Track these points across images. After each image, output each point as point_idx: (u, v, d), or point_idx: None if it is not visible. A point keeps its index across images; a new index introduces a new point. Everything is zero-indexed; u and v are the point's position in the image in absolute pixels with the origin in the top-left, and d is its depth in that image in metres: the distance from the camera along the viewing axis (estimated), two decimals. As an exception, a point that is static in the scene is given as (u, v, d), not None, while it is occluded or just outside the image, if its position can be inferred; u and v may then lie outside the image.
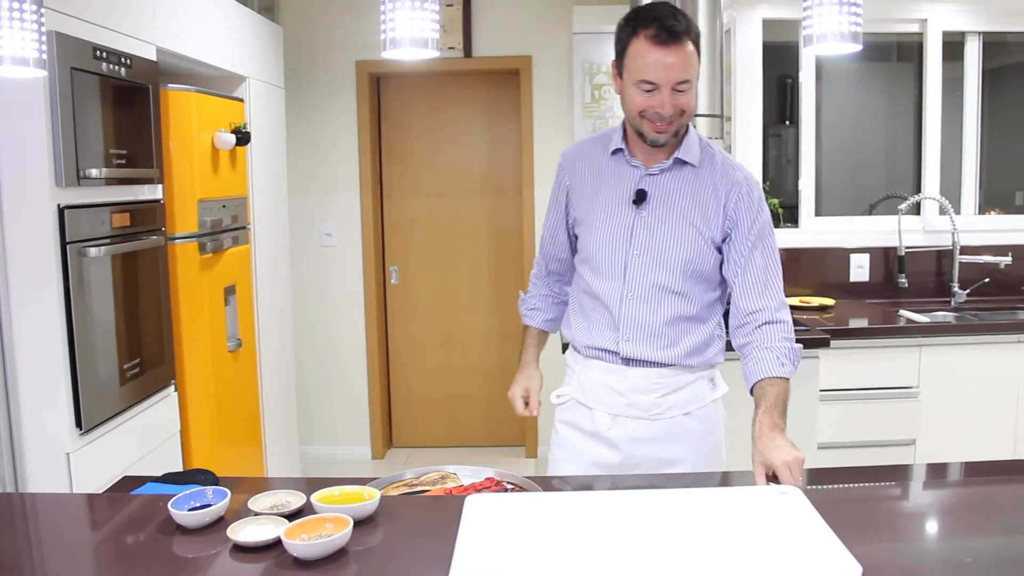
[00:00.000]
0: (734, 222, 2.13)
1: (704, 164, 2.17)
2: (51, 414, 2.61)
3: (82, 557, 1.62)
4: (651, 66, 2.00)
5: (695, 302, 2.17)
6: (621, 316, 2.17)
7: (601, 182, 2.22)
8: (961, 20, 4.41)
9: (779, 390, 2.02)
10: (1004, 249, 4.35)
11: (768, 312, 2.09)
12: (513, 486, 1.92)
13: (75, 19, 2.63)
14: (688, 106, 2.05)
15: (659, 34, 1.98)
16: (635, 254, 2.15)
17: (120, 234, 2.89)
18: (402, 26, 1.66)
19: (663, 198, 2.15)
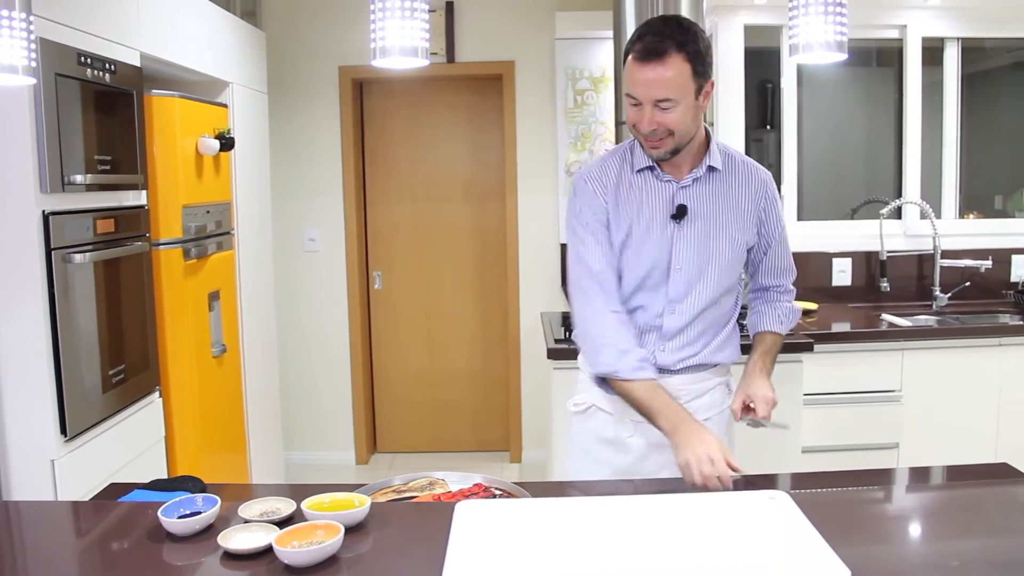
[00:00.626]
0: (763, 219, 2.23)
1: (727, 167, 2.20)
2: (35, 420, 2.60)
3: (71, 566, 1.61)
4: (634, 82, 2.01)
5: (724, 306, 2.24)
6: (661, 329, 2.18)
7: (635, 200, 2.17)
8: (940, 26, 4.45)
9: (775, 340, 2.33)
10: (984, 253, 4.40)
11: (784, 285, 2.37)
12: (501, 492, 1.93)
13: (60, 25, 2.63)
14: (673, 124, 2.02)
15: (642, 52, 1.99)
16: (676, 269, 2.16)
17: (104, 240, 2.88)
18: (392, 35, 1.67)
19: (700, 210, 2.16)
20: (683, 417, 2.00)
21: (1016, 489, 1.94)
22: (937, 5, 4.38)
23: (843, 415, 3.78)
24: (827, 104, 5.23)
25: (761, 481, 2.01)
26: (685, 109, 2.02)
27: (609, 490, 2.00)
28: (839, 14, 1.76)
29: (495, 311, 5.32)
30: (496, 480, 1.99)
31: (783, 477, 2.18)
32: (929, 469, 2.28)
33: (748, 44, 4.44)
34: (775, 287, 2.36)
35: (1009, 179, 4.97)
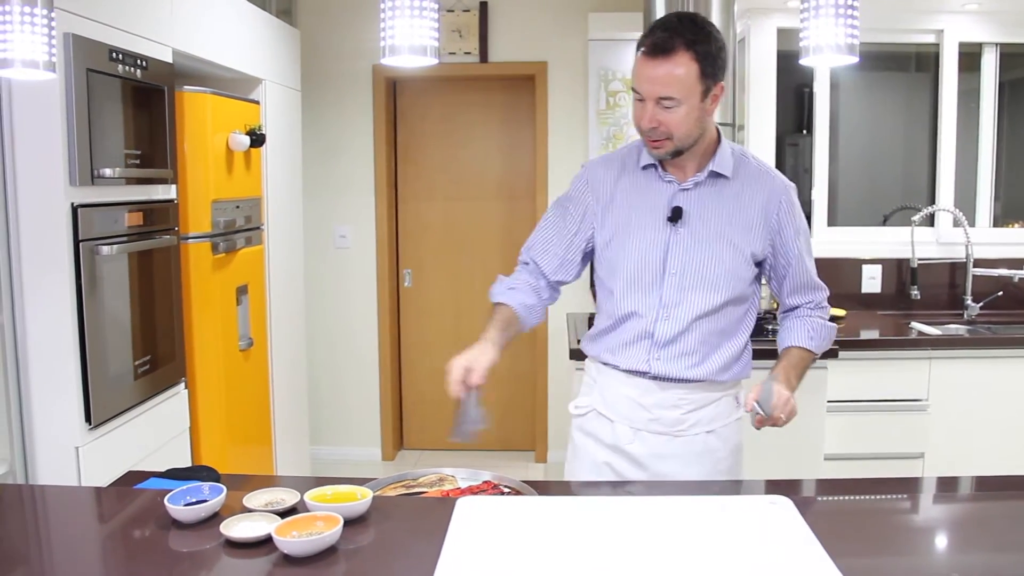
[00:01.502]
0: (778, 229, 2.14)
1: (739, 174, 2.13)
2: (61, 408, 2.66)
3: (80, 548, 1.65)
4: (639, 77, 1.99)
5: (727, 318, 2.15)
6: (654, 336, 2.12)
7: (633, 198, 2.15)
8: (978, 31, 4.39)
9: (802, 355, 2.19)
10: (1019, 262, 4.32)
11: (814, 303, 2.25)
12: (510, 490, 1.94)
13: (92, 21, 2.68)
14: (674, 126, 1.98)
15: (650, 46, 1.95)
16: (671, 273, 2.10)
17: (133, 233, 2.94)
18: (401, 34, 1.68)
19: (700, 214, 2.10)
20: (483, 339, 2.09)
21: (1029, 502, 1.91)
22: (974, 10, 4.32)
23: (868, 423, 3.75)
24: (864, 109, 5.18)
25: (772, 486, 2.00)
26: (688, 110, 1.97)
27: (614, 491, 2.00)
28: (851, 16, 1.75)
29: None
30: (505, 478, 2.00)
31: (793, 483, 2.16)
32: (946, 480, 2.26)
33: (784, 48, 4.41)
34: (805, 304, 2.25)
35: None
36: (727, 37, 3.43)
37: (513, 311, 2.18)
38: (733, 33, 3.53)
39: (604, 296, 2.24)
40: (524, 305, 2.21)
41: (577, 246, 2.23)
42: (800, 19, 1.87)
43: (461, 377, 2.03)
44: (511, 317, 2.18)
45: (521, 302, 2.20)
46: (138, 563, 1.56)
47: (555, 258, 2.24)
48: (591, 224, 2.20)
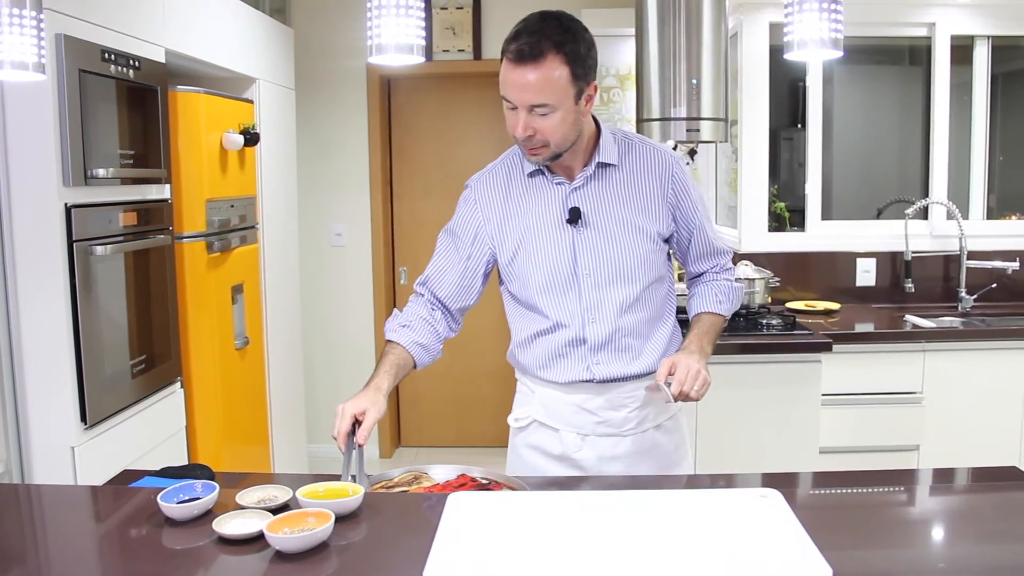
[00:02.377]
0: (676, 203, 2.10)
1: (626, 158, 2.08)
2: (56, 408, 2.67)
3: (74, 547, 1.66)
4: (507, 84, 1.90)
5: (651, 304, 2.11)
6: (587, 341, 2.06)
7: (527, 208, 2.07)
8: (970, 24, 4.40)
9: (714, 320, 2.16)
10: (1012, 255, 4.33)
11: (719, 264, 2.23)
12: (488, 481, 1.94)
13: (83, 22, 2.69)
14: (549, 132, 1.91)
15: (515, 52, 1.86)
16: (584, 275, 2.04)
17: (127, 233, 2.94)
18: (387, 32, 1.69)
19: (597, 209, 2.04)
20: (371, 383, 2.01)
21: (1019, 494, 1.92)
22: (966, 3, 4.33)
23: (862, 416, 3.76)
24: (858, 103, 5.19)
25: (765, 479, 2.01)
26: (564, 115, 1.90)
27: (603, 486, 2.00)
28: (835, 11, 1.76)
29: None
30: (482, 470, 2.00)
31: (787, 476, 2.16)
32: (935, 472, 2.27)
33: (777, 42, 4.41)
34: (711, 269, 2.22)
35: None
36: (719, 32, 3.45)
37: (406, 351, 2.09)
38: (725, 28, 3.54)
39: (518, 311, 2.17)
40: (417, 344, 2.10)
41: (473, 270, 2.15)
42: (784, 14, 1.88)
43: (348, 428, 1.94)
44: (404, 358, 2.09)
45: (414, 340, 2.10)
46: (131, 561, 1.57)
47: (451, 285, 2.16)
48: (485, 244, 2.13)
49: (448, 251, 2.18)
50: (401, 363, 2.08)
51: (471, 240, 2.14)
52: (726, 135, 3.66)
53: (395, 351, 2.09)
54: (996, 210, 4.81)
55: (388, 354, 2.09)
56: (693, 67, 3.48)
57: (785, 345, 3.51)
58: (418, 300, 2.19)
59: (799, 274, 4.45)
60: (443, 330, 2.17)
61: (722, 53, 3.53)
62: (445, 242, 2.20)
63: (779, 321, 3.70)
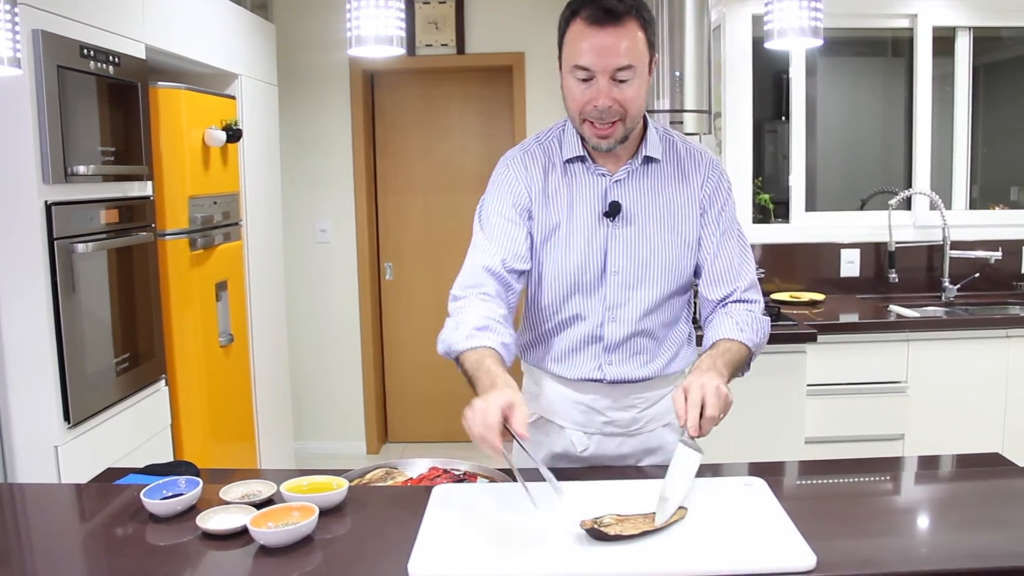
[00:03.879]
0: (705, 208, 1.97)
1: (669, 156, 1.98)
2: (39, 407, 2.65)
3: (57, 545, 1.65)
4: (586, 50, 1.76)
5: (672, 309, 2.03)
6: (603, 339, 1.98)
7: (564, 196, 1.95)
8: (951, 15, 4.42)
9: (731, 346, 1.90)
10: (994, 244, 4.36)
11: (737, 293, 2.00)
12: (461, 472, 1.94)
13: (62, 18, 2.67)
14: (631, 102, 1.80)
15: (595, 14, 1.74)
16: (612, 272, 1.95)
17: (109, 230, 2.93)
18: (367, 24, 1.69)
19: (637, 205, 1.94)
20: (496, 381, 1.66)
21: (1001, 480, 1.93)
22: (948, -6, 4.35)
23: (848, 406, 3.77)
24: (841, 95, 5.21)
25: (751, 469, 2.01)
26: (641, 83, 1.80)
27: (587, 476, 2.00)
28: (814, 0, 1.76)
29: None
30: (451, 462, 1.98)
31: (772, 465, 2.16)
32: (917, 458, 2.27)
33: (760, 34, 4.41)
34: (728, 296, 2.00)
35: (1026, 170, 4.93)
36: (702, 24, 3.46)
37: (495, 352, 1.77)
38: (708, 20, 3.54)
39: (538, 299, 2.04)
40: (504, 345, 1.81)
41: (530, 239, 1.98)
42: (765, 3, 1.88)
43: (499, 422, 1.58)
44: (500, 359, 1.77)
45: (500, 342, 1.80)
46: (116, 558, 1.56)
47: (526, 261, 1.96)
48: (526, 218, 1.97)
49: (509, 225, 1.95)
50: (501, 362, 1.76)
51: (526, 216, 1.96)
52: (710, 127, 3.67)
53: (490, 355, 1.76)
54: (979, 200, 4.84)
55: (486, 358, 1.75)
56: (676, 59, 3.48)
57: (770, 336, 3.51)
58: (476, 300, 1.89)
59: (784, 265, 4.46)
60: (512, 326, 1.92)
61: (705, 45, 3.54)
62: (498, 220, 1.96)
63: (764, 312, 3.70)
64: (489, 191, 2.03)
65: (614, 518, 1.52)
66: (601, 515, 1.53)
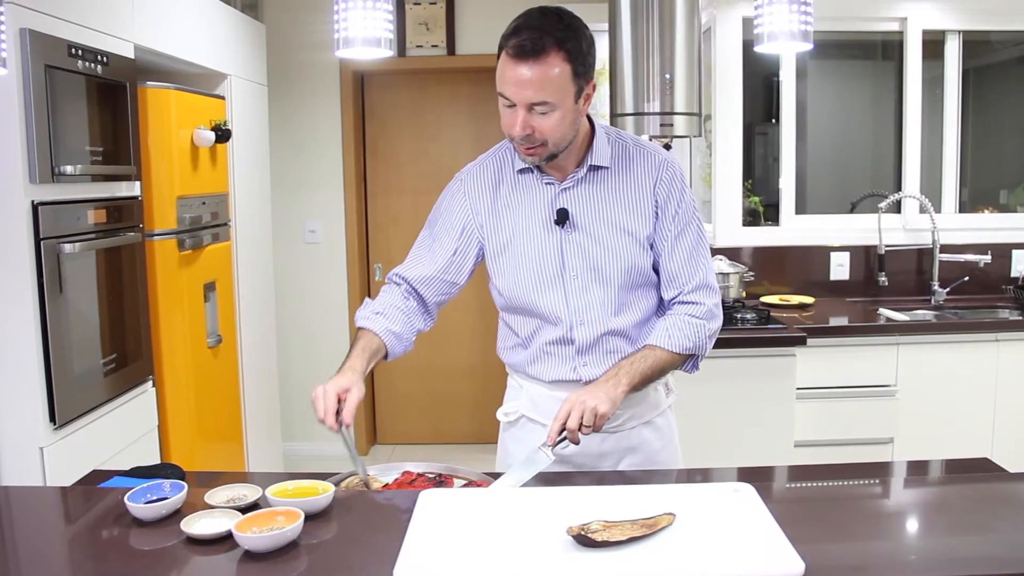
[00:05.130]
0: (660, 209, 2.01)
1: (620, 160, 2.02)
2: (24, 409, 2.63)
3: (40, 548, 1.63)
4: (506, 81, 1.83)
5: (641, 308, 2.06)
6: (575, 342, 2.02)
7: (514, 206, 2.03)
8: (941, 19, 4.43)
9: (651, 354, 1.97)
10: (984, 248, 4.37)
11: (683, 294, 2.04)
12: (436, 475, 1.95)
13: (50, 17, 2.65)
14: (548, 132, 1.85)
15: (516, 48, 1.80)
16: (571, 276, 2.00)
17: (97, 231, 2.91)
18: (355, 25, 1.68)
19: (587, 210, 1.99)
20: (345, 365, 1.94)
21: (990, 485, 1.93)
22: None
23: (837, 409, 3.78)
24: (832, 98, 5.22)
25: (740, 474, 2.01)
26: (563, 115, 1.84)
27: (575, 481, 1.99)
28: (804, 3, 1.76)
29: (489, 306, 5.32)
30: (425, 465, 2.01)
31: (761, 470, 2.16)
32: (907, 464, 2.27)
33: (751, 37, 4.41)
34: (674, 299, 2.05)
35: (1015, 174, 4.94)
36: (691, 27, 3.45)
37: (379, 338, 2.01)
38: (698, 23, 3.54)
39: (506, 308, 2.12)
40: (391, 332, 2.02)
41: (459, 265, 2.09)
42: (755, 7, 1.87)
43: (334, 407, 1.85)
44: (377, 345, 2.01)
45: (387, 328, 2.02)
46: (98, 562, 1.55)
47: (433, 279, 2.09)
48: (474, 238, 2.07)
49: (433, 243, 2.11)
50: (374, 349, 2.00)
51: (458, 233, 2.08)
52: (700, 130, 3.66)
53: (367, 337, 2.02)
54: (968, 204, 4.85)
55: (360, 339, 2.01)
56: (666, 62, 3.48)
57: (759, 339, 3.52)
58: (393, 290, 2.11)
59: (773, 268, 4.47)
60: (417, 322, 2.09)
61: (695, 48, 3.53)
62: (429, 234, 2.13)
63: (753, 315, 3.71)
64: (438, 205, 2.14)
65: (601, 524, 1.51)
66: (588, 521, 1.52)
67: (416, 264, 2.11)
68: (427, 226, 2.15)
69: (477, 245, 2.08)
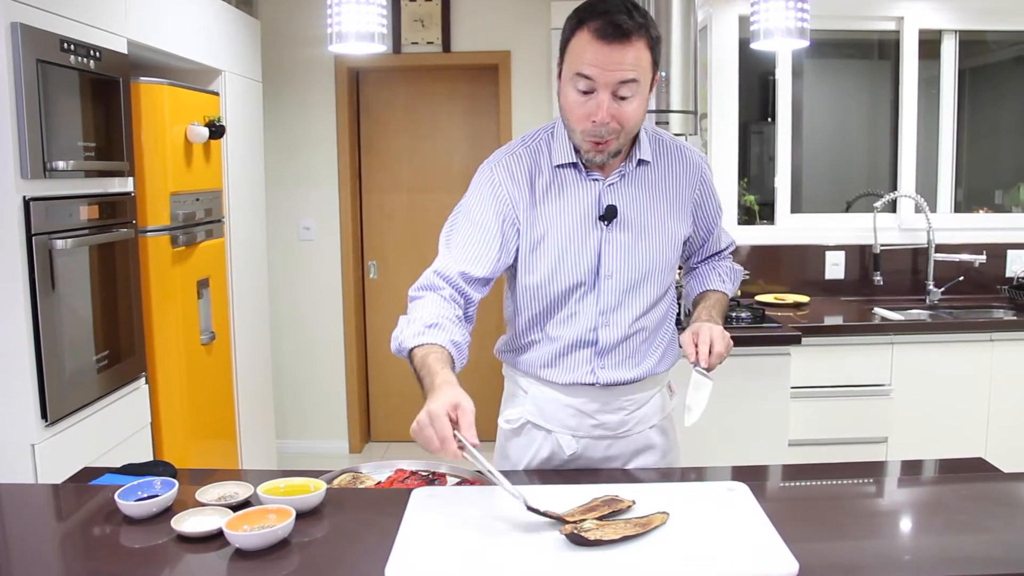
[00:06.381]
0: (700, 203, 2.05)
1: (658, 156, 1.98)
2: (15, 406, 2.62)
3: (30, 546, 1.62)
4: (590, 62, 1.73)
5: (660, 309, 2.04)
6: (597, 343, 1.97)
7: (553, 200, 1.92)
8: (937, 18, 4.42)
9: (720, 296, 2.12)
10: (979, 247, 4.37)
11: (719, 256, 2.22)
12: (428, 473, 1.95)
13: (42, 11, 2.63)
14: (629, 119, 1.79)
15: (604, 27, 1.71)
16: (606, 276, 1.94)
17: (89, 227, 2.89)
18: (348, 20, 1.66)
19: (632, 208, 1.93)
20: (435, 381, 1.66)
21: (984, 485, 1.93)
22: (934, -3, 4.35)
23: (831, 409, 3.77)
24: (828, 97, 5.21)
25: (734, 472, 2.00)
26: (642, 101, 1.80)
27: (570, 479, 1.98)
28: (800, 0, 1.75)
29: (489, 301, 5.30)
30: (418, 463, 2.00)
31: (756, 469, 2.15)
32: (901, 463, 2.27)
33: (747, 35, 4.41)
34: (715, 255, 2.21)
35: (1011, 174, 4.94)
36: (688, 25, 3.43)
37: (443, 350, 1.76)
38: (694, 21, 3.53)
39: (528, 305, 2.01)
40: (453, 343, 1.78)
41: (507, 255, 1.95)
42: (751, 4, 1.86)
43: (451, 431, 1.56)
44: (447, 357, 1.75)
45: (450, 339, 1.78)
46: (89, 560, 1.53)
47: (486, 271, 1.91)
48: (514, 228, 1.94)
49: (479, 234, 1.92)
50: (448, 360, 1.74)
51: (501, 223, 1.92)
52: (696, 128, 3.65)
53: (435, 351, 1.74)
54: (963, 203, 4.85)
55: (429, 354, 1.73)
56: (662, 60, 3.45)
57: (754, 338, 3.51)
58: (433, 298, 1.87)
59: (769, 267, 4.46)
60: (467, 329, 1.88)
61: (691, 46, 3.52)
62: (469, 227, 1.93)
63: (748, 314, 3.70)
64: (470, 195, 1.98)
65: (595, 523, 1.50)
66: (582, 519, 1.51)
67: (469, 258, 1.91)
68: (464, 219, 1.95)
69: (516, 236, 1.94)
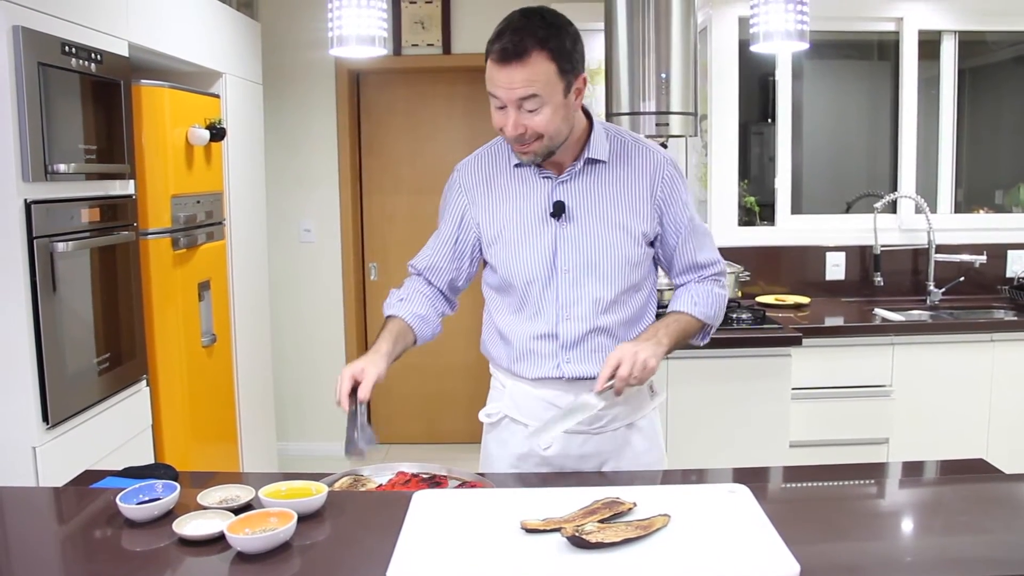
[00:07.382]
0: (666, 204, 2.04)
1: (618, 156, 2.03)
2: (17, 408, 2.61)
3: (32, 549, 1.63)
4: (493, 83, 1.86)
5: (630, 307, 2.07)
6: (559, 337, 2.03)
7: (510, 198, 2.05)
8: (937, 19, 4.43)
9: (681, 319, 2.08)
10: (980, 248, 4.37)
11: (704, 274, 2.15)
12: (429, 475, 1.95)
13: (43, 14, 2.63)
14: (542, 128, 1.87)
15: (500, 52, 1.82)
16: (563, 270, 2.01)
17: (90, 229, 2.89)
18: (349, 24, 1.67)
19: (582, 204, 2.00)
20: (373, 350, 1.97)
21: (985, 486, 1.93)
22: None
23: (832, 410, 3.77)
24: (828, 98, 5.22)
25: (735, 474, 2.00)
26: (553, 110, 1.86)
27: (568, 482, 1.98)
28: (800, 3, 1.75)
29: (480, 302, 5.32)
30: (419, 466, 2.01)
31: (757, 471, 2.16)
32: (903, 465, 2.27)
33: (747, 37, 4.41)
34: (696, 279, 2.15)
35: (1010, 174, 4.94)
36: (687, 27, 3.44)
37: (405, 323, 2.07)
38: (694, 22, 3.53)
39: (494, 301, 2.16)
40: (416, 315, 2.09)
41: (460, 252, 2.14)
42: (751, 6, 1.86)
43: (349, 389, 1.89)
44: (403, 329, 2.07)
45: (413, 312, 2.10)
46: (90, 563, 1.54)
47: (440, 269, 2.15)
48: (471, 228, 2.11)
49: (437, 234, 2.18)
50: (400, 332, 2.05)
51: (457, 223, 2.12)
52: (696, 129, 3.66)
53: (393, 322, 2.08)
54: (964, 204, 4.85)
55: (386, 324, 2.08)
56: (662, 61, 3.47)
57: (755, 339, 3.52)
58: (413, 278, 2.20)
59: (769, 268, 4.46)
60: (440, 305, 2.17)
61: (691, 47, 3.52)
62: (433, 237, 2.20)
63: (749, 315, 3.70)
64: (441, 201, 2.19)
65: (597, 525, 1.50)
66: (583, 522, 1.51)
67: (424, 254, 2.18)
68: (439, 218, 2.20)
69: (475, 235, 2.11)
